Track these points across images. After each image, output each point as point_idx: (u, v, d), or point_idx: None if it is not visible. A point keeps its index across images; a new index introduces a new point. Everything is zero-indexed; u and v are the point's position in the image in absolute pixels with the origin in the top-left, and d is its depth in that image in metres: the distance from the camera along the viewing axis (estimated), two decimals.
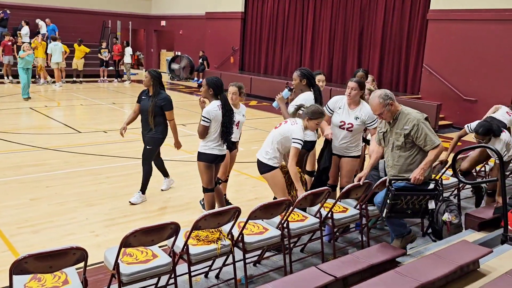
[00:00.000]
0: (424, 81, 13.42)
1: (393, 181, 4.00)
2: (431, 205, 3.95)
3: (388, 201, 3.89)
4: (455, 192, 6.23)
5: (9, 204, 5.69)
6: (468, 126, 5.88)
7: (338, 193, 4.93)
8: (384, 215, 3.95)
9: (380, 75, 14.97)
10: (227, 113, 4.89)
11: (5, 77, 17.41)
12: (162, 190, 6.42)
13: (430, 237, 5.25)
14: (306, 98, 5.07)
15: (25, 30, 18.79)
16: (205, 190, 5.05)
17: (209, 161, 4.93)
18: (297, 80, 5.19)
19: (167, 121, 5.89)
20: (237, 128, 5.47)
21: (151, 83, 5.78)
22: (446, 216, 5.12)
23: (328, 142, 5.21)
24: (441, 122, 12.48)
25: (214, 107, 4.82)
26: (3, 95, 14.71)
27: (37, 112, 11.97)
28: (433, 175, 4.56)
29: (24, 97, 13.54)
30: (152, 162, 6.11)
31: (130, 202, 5.87)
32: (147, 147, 5.92)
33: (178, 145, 6.06)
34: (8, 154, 7.88)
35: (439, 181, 3.90)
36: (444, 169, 5.79)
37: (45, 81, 17.65)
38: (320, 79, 6.02)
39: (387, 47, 14.74)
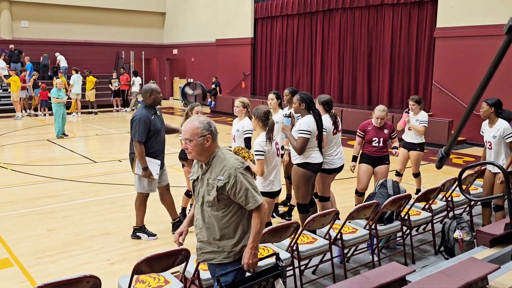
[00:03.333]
0: (434, 99, 13.45)
1: (221, 277, 2.96)
2: (279, 285, 3.09)
3: None
4: (467, 209, 6.24)
5: (28, 235, 5.84)
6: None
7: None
8: None
9: (391, 94, 15.04)
10: None
11: (23, 111, 17.82)
12: None
13: (442, 255, 5.26)
14: (308, 122, 5.17)
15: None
16: None
17: None
18: (297, 104, 5.30)
19: None
20: None
21: None
22: (457, 234, 5.13)
23: None
24: None
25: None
26: (20, 128, 15.08)
27: (54, 143, 12.25)
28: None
29: (58, 136, 12.94)
30: None
31: None
32: None
33: None
34: (26, 186, 8.09)
35: (278, 254, 3.24)
36: (454, 186, 5.81)
37: (19, 115, 17.20)
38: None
39: (396, 66, 14.84)
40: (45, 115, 17.82)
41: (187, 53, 24.10)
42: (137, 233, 5.81)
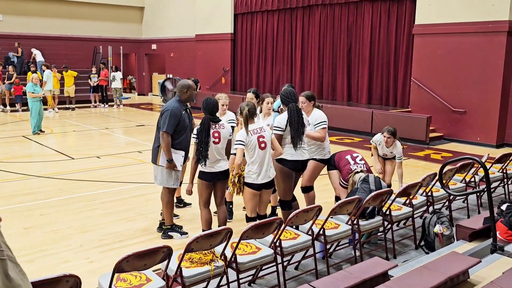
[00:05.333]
0: (413, 95, 13.58)
1: None
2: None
3: None
4: (446, 203, 6.31)
5: (3, 234, 5.68)
6: None
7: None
8: None
9: (370, 90, 15.15)
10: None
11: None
12: None
13: (423, 250, 5.31)
14: (280, 118, 5.15)
15: None
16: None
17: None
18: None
19: None
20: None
21: None
22: (437, 228, 5.18)
23: None
24: (431, 135, 12.60)
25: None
26: None
27: (30, 140, 12.00)
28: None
29: (34, 132, 12.61)
30: None
31: None
32: None
33: None
34: (1, 184, 7.89)
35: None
36: (434, 181, 5.86)
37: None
38: (268, 101, 6.17)
39: (375, 62, 14.94)
40: (22, 110, 17.43)
41: (166, 49, 23.86)
42: (169, 233, 5.62)
